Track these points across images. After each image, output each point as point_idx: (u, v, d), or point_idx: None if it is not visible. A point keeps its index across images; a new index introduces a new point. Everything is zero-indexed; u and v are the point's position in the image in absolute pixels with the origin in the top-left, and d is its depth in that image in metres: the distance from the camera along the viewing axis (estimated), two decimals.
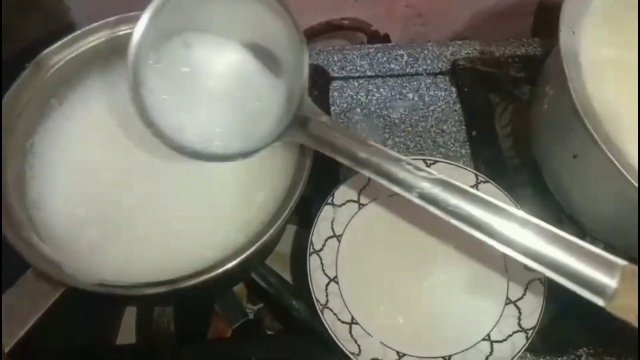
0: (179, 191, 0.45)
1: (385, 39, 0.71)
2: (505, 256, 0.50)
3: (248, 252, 0.38)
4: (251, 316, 0.58)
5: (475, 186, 0.52)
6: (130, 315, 0.55)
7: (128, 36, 0.45)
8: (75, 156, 0.46)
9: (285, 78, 0.42)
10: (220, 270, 0.37)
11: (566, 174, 0.48)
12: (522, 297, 0.49)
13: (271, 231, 0.39)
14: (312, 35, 0.73)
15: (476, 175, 0.52)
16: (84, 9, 0.69)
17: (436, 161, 0.53)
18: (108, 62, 0.47)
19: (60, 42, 0.45)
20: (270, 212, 0.42)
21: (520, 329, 0.47)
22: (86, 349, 0.48)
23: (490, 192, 0.52)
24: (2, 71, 0.58)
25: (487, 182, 0.52)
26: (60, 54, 0.45)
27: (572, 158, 0.45)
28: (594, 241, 0.50)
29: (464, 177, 0.53)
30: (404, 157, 0.36)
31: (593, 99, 0.42)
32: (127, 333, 0.54)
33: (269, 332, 0.56)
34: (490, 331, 0.48)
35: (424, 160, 0.53)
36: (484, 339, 0.48)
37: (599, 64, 0.44)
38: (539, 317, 0.47)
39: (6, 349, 0.35)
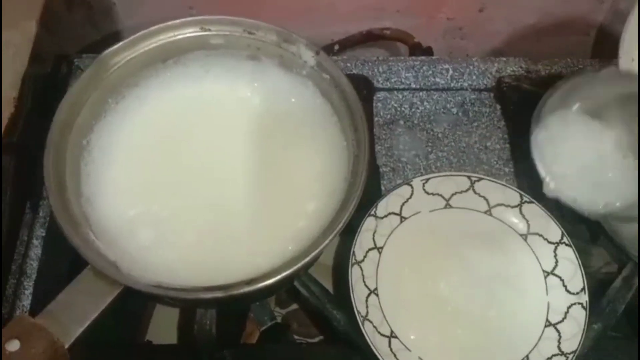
0: (232, 196, 0.45)
1: (428, 51, 0.71)
2: (546, 278, 0.50)
3: (302, 263, 0.38)
4: (279, 320, 0.58)
5: (520, 206, 0.52)
6: (160, 314, 0.56)
7: (187, 40, 0.46)
8: (129, 156, 0.47)
9: None
10: (273, 280, 0.38)
11: None
12: (562, 321, 0.49)
13: (326, 242, 0.39)
14: (353, 43, 0.73)
15: (521, 195, 0.52)
16: (129, 5, 0.70)
17: (481, 178, 0.53)
18: (165, 64, 0.48)
19: (121, 44, 0.45)
20: (321, 222, 0.42)
21: (560, 353, 0.47)
22: (129, 346, 0.48)
23: (534, 212, 0.52)
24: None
25: (531, 202, 0.52)
26: (120, 55, 0.46)
27: None
28: (635, 267, 0.50)
29: (508, 196, 0.53)
30: None
31: None
32: (160, 331, 0.55)
33: (296, 337, 0.57)
34: (530, 352, 0.48)
35: (469, 177, 0.53)
36: None
37: None
38: (580, 341, 0.47)
39: (66, 346, 0.35)
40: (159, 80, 0.48)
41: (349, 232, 0.50)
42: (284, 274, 0.38)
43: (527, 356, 0.48)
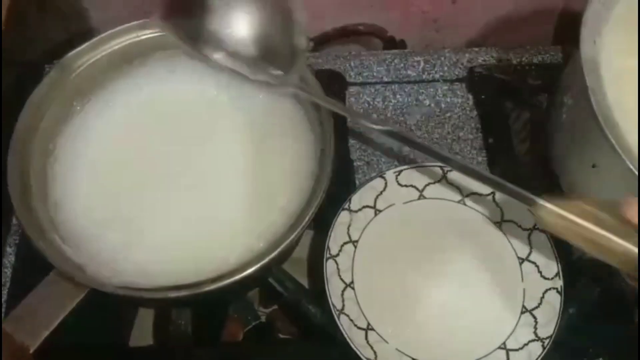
0: (200, 194, 0.45)
1: (401, 45, 0.71)
2: (521, 265, 0.51)
3: (270, 257, 0.38)
4: (263, 319, 0.58)
5: (493, 194, 0.52)
6: (143, 316, 0.56)
7: (151, 40, 0.46)
8: (96, 158, 0.46)
9: None
10: (242, 275, 0.37)
11: (584, 183, 0.48)
12: (538, 306, 0.49)
13: (292, 236, 0.39)
14: (327, 40, 0.73)
15: None
16: (102, 10, 0.70)
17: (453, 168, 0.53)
18: (131, 65, 0.48)
19: (84, 45, 0.45)
20: (291, 217, 0.42)
21: (537, 338, 0.47)
22: (103, 349, 0.48)
23: (507, 200, 0.51)
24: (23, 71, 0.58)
25: None
26: (84, 57, 0.46)
27: (590, 167, 0.45)
28: None
29: (481, 184, 0.52)
30: None
31: (614, 109, 0.42)
32: (140, 334, 0.55)
33: (281, 336, 0.56)
34: (506, 340, 0.48)
35: (441, 168, 0.53)
36: (499, 347, 0.48)
37: (619, 73, 0.44)
38: (556, 326, 0.47)
39: (31, 350, 0.35)
40: (125, 82, 0.48)
41: (324, 227, 0.50)
42: (250, 270, 0.38)
43: (504, 343, 0.48)
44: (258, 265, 0.38)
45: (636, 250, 0.27)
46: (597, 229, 0.27)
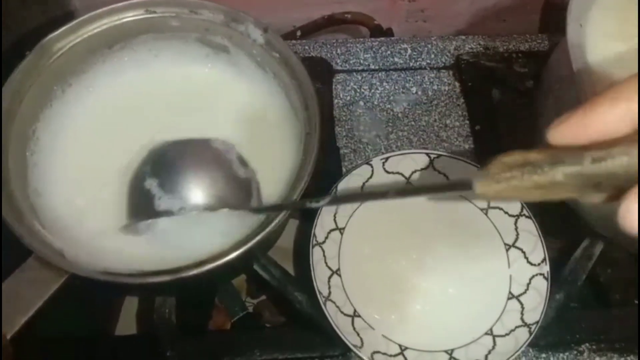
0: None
1: (389, 33, 0.71)
2: (508, 251, 0.50)
3: (252, 242, 0.38)
4: (250, 310, 0.58)
5: None
6: (130, 305, 0.55)
7: (133, 23, 0.45)
8: (77, 144, 0.46)
9: None
10: (223, 260, 0.37)
11: None
12: (525, 292, 0.49)
13: (275, 222, 0.39)
14: (315, 29, 0.73)
15: None
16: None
17: (440, 155, 0.53)
18: (112, 49, 0.47)
19: (64, 28, 0.44)
20: (276, 202, 0.41)
21: (523, 324, 0.47)
22: (87, 338, 0.48)
23: None
24: (1, 60, 0.57)
25: None
26: (64, 40, 0.44)
27: None
28: (595, 238, 0.51)
29: (468, 171, 0.52)
30: None
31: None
32: (126, 323, 0.54)
33: (268, 326, 0.56)
34: (493, 325, 0.48)
35: (428, 155, 0.53)
36: (486, 333, 0.47)
37: (606, 57, 0.44)
38: (542, 312, 0.47)
39: (8, 336, 0.34)
40: (107, 67, 0.47)
41: (310, 215, 0.49)
42: (232, 255, 0.37)
43: (490, 329, 0.48)
44: (240, 251, 0.38)
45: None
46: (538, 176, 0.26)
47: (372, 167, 0.52)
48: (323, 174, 0.49)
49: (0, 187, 0.39)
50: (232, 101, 0.48)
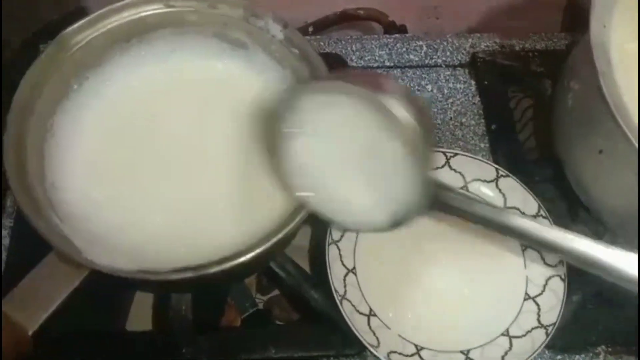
0: (200, 175, 0.44)
1: (402, 30, 0.70)
2: (524, 252, 0.50)
3: (274, 239, 0.38)
4: (261, 306, 0.57)
5: (496, 180, 0.52)
6: (140, 300, 0.55)
7: (151, 17, 0.45)
8: (94, 138, 0.45)
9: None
10: (246, 257, 0.37)
11: (590, 170, 0.48)
12: (541, 294, 0.48)
13: (297, 219, 0.38)
14: (327, 24, 0.72)
15: (496, 169, 0.52)
16: None
17: (456, 154, 0.52)
18: (129, 43, 0.47)
19: (81, 22, 0.44)
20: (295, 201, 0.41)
21: (540, 325, 0.47)
22: (102, 333, 0.47)
23: (510, 186, 0.51)
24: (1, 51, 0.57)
25: (507, 176, 0.52)
26: (81, 34, 0.44)
27: (597, 154, 0.45)
28: (614, 237, 0.50)
29: (484, 170, 0.52)
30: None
31: (623, 94, 0.41)
32: (137, 318, 0.54)
33: (278, 322, 0.56)
34: (509, 326, 0.48)
35: (444, 153, 0.52)
36: (502, 334, 0.47)
37: (629, 58, 0.44)
38: (559, 313, 0.47)
39: (30, 332, 0.34)
40: (124, 60, 0.47)
41: None
42: (255, 252, 0.37)
43: (507, 329, 0.48)
44: (261, 249, 0.37)
45: None
46: None
47: None
48: None
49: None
50: (249, 96, 0.48)
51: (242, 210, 0.42)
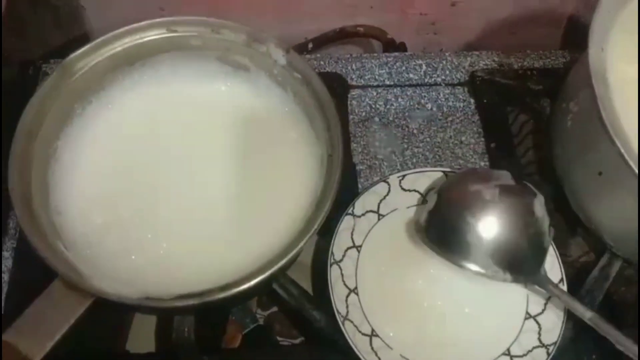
0: (204, 200, 0.44)
1: (401, 47, 0.71)
2: None
3: (278, 265, 0.38)
4: (261, 322, 0.58)
5: None
6: (139, 322, 0.55)
7: (154, 42, 0.46)
8: (97, 163, 0.46)
9: None
10: (250, 284, 0.37)
11: (589, 190, 0.48)
12: (542, 312, 0.49)
13: (301, 243, 0.39)
14: (326, 41, 0.73)
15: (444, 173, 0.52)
16: (97, 7, 0.68)
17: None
18: (132, 66, 0.47)
19: (85, 48, 0.44)
20: (296, 225, 0.42)
21: (541, 345, 0.47)
22: (106, 355, 0.47)
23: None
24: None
25: None
26: (85, 59, 0.45)
27: (597, 175, 0.45)
28: (612, 256, 0.51)
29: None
30: None
31: (621, 118, 0.42)
32: (136, 340, 0.54)
33: (279, 339, 0.56)
34: (510, 346, 0.48)
35: (444, 173, 0.53)
36: (504, 354, 0.47)
37: (626, 81, 0.44)
38: (560, 333, 0.47)
39: None
40: (126, 84, 0.47)
41: (327, 232, 0.49)
42: (258, 279, 0.37)
43: (508, 349, 0.48)
44: (265, 275, 0.38)
45: None
46: None
47: (388, 184, 0.52)
48: (340, 191, 0.49)
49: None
50: (251, 120, 0.48)
51: (245, 234, 0.43)
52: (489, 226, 0.45)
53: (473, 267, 0.45)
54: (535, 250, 0.47)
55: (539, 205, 0.46)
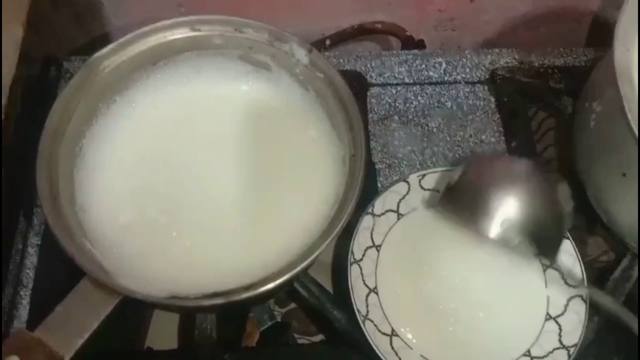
0: (228, 199, 0.44)
1: (420, 44, 0.70)
2: (545, 271, 0.50)
3: (302, 265, 0.38)
4: (279, 319, 0.58)
5: None
6: (158, 320, 0.55)
7: (178, 41, 0.46)
8: (122, 161, 0.46)
9: None
10: (275, 284, 0.37)
11: (612, 191, 0.48)
12: (562, 314, 0.49)
13: (324, 244, 0.39)
14: (344, 38, 0.73)
15: None
16: (117, 4, 0.69)
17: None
18: (155, 66, 0.47)
19: (110, 47, 0.45)
20: (319, 224, 0.42)
21: (562, 346, 0.47)
22: (130, 353, 0.48)
23: None
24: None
25: None
26: (110, 58, 0.45)
27: (621, 176, 0.45)
28: (634, 258, 0.50)
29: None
30: None
31: None
32: (157, 337, 0.54)
33: (296, 336, 0.56)
34: (531, 347, 0.48)
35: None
36: (524, 355, 0.47)
37: None
38: (581, 334, 0.47)
39: (66, 358, 0.35)
40: (150, 83, 0.48)
41: (347, 231, 0.49)
42: (283, 279, 0.37)
43: (528, 350, 0.48)
44: (289, 275, 0.38)
45: None
46: None
47: (408, 184, 0.52)
48: None
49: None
50: (272, 119, 0.48)
51: (268, 233, 0.43)
52: (518, 196, 0.45)
53: (498, 233, 0.45)
54: (557, 230, 0.47)
55: (564, 190, 0.46)
